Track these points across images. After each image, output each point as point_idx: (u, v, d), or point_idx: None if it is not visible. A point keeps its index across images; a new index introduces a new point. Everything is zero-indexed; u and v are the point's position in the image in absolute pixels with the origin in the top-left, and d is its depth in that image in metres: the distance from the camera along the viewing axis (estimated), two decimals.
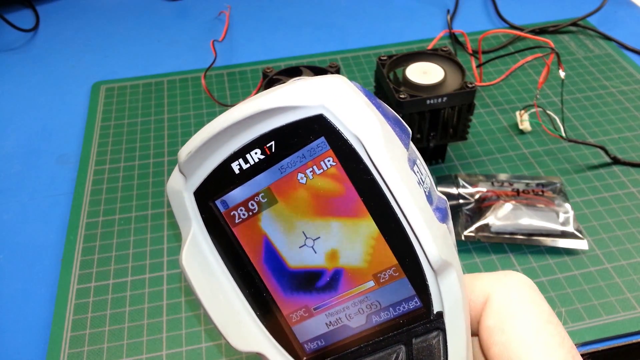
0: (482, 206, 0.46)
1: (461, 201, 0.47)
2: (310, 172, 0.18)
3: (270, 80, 0.46)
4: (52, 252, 0.45)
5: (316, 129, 0.18)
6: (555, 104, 0.57)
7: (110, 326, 0.40)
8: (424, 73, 0.45)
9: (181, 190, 0.20)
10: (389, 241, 0.18)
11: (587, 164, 0.51)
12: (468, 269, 0.43)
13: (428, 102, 0.44)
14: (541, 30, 0.67)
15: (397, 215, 0.18)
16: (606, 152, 0.51)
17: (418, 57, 0.47)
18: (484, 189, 0.47)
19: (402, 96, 0.44)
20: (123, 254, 0.45)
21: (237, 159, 0.19)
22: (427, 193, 0.19)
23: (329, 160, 0.18)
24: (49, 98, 0.61)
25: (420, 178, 0.19)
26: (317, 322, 0.20)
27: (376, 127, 0.17)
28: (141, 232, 0.46)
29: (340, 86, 0.18)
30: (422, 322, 0.19)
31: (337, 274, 0.20)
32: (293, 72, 0.47)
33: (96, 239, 0.46)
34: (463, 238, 0.44)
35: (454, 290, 0.18)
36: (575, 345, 0.38)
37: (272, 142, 0.18)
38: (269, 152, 0.18)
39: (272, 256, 0.20)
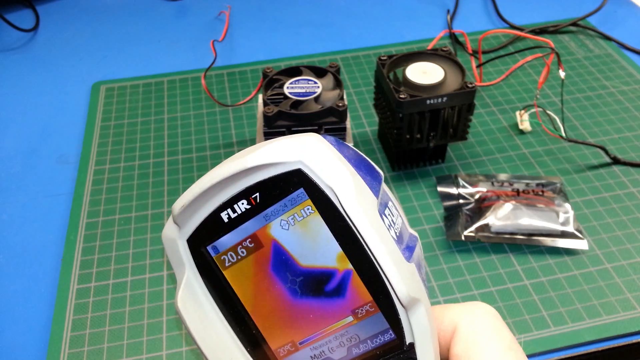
0: (482, 206, 0.46)
1: (461, 201, 0.47)
2: (292, 219, 0.20)
3: (270, 80, 0.46)
4: (52, 252, 0.46)
5: (295, 181, 0.20)
6: (555, 104, 0.57)
7: (110, 326, 0.40)
8: (424, 73, 0.45)
9: (175, 238, 0.22)
10: (364, 280, 0.20)
11: (587, 164, 0.51)
12: (468, 269, 0.43)
13: (428, 102, 0.44)
14: (541, 30, 0.67)
15: (370, 257, 0.20)
16: (606, 152, 0.51)
17: (418, 57, 0.47)
18: (484, 189, 0.47)
19: (402, 96, 0.44)
20: (123, 254, 0.45)
21: (226, 209, 0.21)
22: (397, 234, 0.21)
23: (308, 209, 0.20)
24: (49, 98, 0.61)
25: (392, 220, 0.21)
26: (303, 355, 0.22)
27: (348, 180, 0.20)
28: (141, 232, 0.46)
29: (316, 143, 0.20)
30: (397, 352, 0.21)
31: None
32: (293, 72, 0.47)
33: (96, 239, 0.46)
34: (463, 238, 0.44)
35: (423, 323, 0.20)
36: (573, 345, 0.38)
37: (257, 194, 0.20)
38: (254, 203, 0.21)
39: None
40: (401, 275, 0.19)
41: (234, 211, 0.21)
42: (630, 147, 0.52)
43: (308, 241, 0.21)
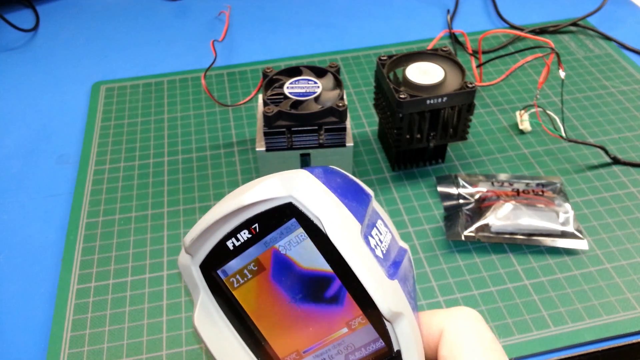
0: (482, 206, 0.46)
1: (461, 201, 0.47)
2: (289, 244, 0.23)
3: (270, 80, 0.46)
4: (52, 252, 0.46)
5: (288, 213, 0.23)
6: (555, 104, 0.57)
7: (110, 326, 0.40)
8: (424, 73, 0.45)
9: (189, 265, 0.25)
10: (354, 296, 0.23)
11: (587, 164, 0.51)
12: (468, 269, 0.43)
13: (428, 102, 0.44)
14: (541, 30, 0.67)
15: (357, 277, 0.22)
16: (606, 152, 0.51)
17: (418, 57, 0.47)
18: (484, 189, 0.47)
19: (402, 96, 0.44)
20: (123, 254, 0.45)
21: (231, 238, 0.24)
22: (384, 252, 0.23)
23: (301, 236, 0.23)
24: (49, 98, 0.61)
25: (379, 239, 0.24)
26: None
27: (332, 211, 0.22)
28: (141, 232, 0.46)
29: (304, 179, 0.23)
30: (387, 358, 0.24)
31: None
32: (293, 72, 0.47)
33: (96, 239, 0.46)
34: (463, 238, 0.44)
35: (406, 333, 0.23)
36: (573, 345, 0.38)
37: (256, 224, 0.23)
38: (254, 232, 0.23)
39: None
40: (382, 293, 0.22)
41: (238, 240, 0.24)
42: (630, 147, 0.52)
43: (304, 264, 0.23)
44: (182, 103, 0.59)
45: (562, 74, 0.51)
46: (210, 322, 0.25)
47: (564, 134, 0.51)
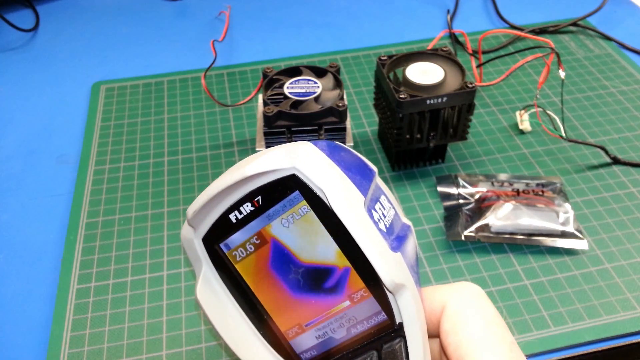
0: (482, 206, 0.46)
1: (461, 201, 0.47)
2: (292, 217, 0.23)
3: (270, 80, 0.46)
4: (52, 252, 0.46)
5: (291, 185, 0.22)
6: (555, 104, 0.57)
7: (110, 326, 0.40)
8: (424, 73, 0.45)
9: (192, 238, 0.25)
10: (357, 269, 0.23)
11: (587, 164, 0.51)
12: (468, 269, 0.43)
13: (428, 102, 0.44)
14: (541, 30, 0.67)
15: (360, 248, 0.22)
16: (606, 152, 0.51)
17: (418, 57, 0.47)
18: (484, 189, 0.47)
19: (402, 96, 0.44)
20: (123, 254, 0.45)
21: (233, 211, 0.24)
22: (387, 226, 0.23)
23: (304, 208, 0.23)
24: (49, 98, 0.61)
25: (382, 213, 0.24)
26: (308, 336, 0.25)
27: (336, 182, 0.22)
28: (141, 232, 0.46)
29: (308, 151, 0.23)
30: (389, 331, 0.24)
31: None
32: (293, 72, 0.47)
33: (96, 239, 0.46)
34: (463, 238, 0.44)
35: (409, 305, 0.23)
36: (573, 345, 0.38)
37: (259, 197, 0.23)
38: (257, 205, 0.23)
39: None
40: (385, 265, 0.22)
41: (240, 213, 0.24)
42: (630, 147, 0.52)
43: (307, 236, 0.23)
44: (182, 103, 0.59)
45: (562, 74, 0.51)
46: (213, 295, 0.25)
47: (564, 134, 0.51)
